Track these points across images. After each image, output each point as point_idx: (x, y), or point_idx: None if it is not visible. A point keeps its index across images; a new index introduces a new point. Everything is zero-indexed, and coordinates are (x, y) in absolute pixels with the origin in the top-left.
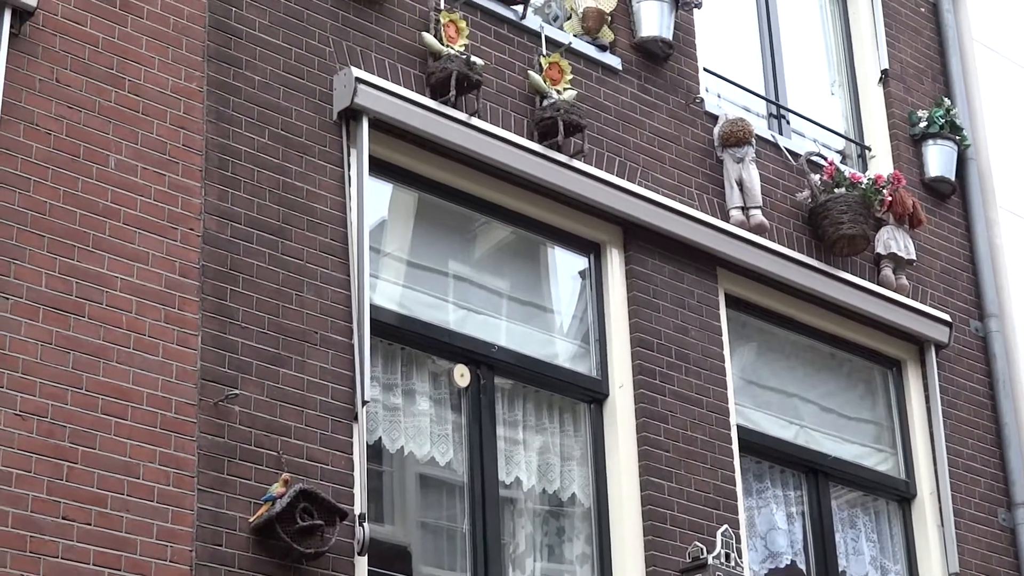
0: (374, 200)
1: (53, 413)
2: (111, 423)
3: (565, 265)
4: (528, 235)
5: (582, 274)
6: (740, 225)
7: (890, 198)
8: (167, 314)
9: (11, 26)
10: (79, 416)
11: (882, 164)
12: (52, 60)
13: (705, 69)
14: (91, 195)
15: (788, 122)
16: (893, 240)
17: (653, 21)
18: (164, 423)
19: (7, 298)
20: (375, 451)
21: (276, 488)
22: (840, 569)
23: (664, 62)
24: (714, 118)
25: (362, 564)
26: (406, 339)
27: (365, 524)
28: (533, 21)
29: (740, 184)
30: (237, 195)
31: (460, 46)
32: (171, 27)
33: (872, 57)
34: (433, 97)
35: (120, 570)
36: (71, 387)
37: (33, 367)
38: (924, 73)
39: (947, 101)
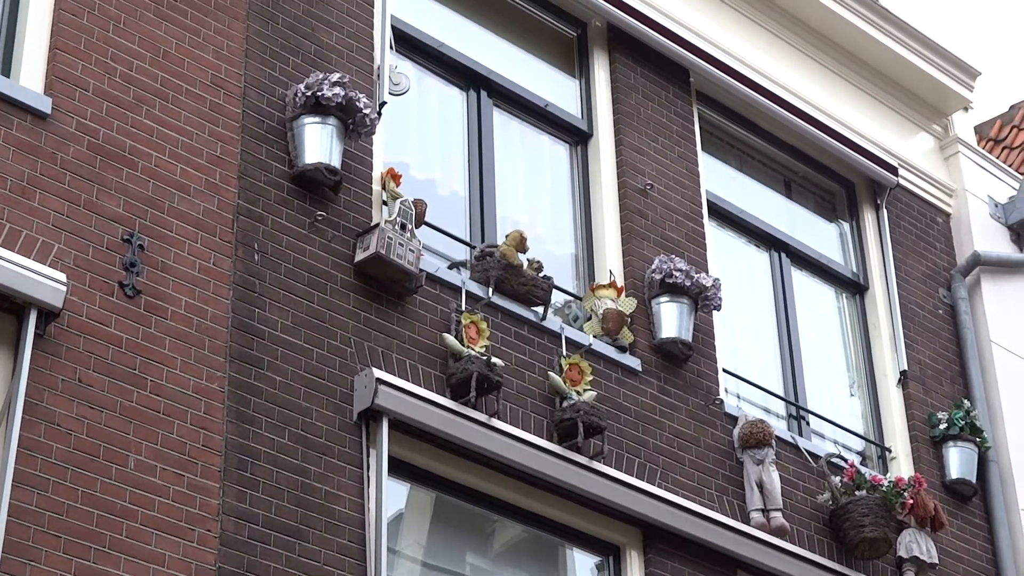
0: (392, 500)
1: None
2: None
3: (584, 566)
4: (547, 536)
5: (602, 573)
6: (761, 528)
7: (911, 501)
8: None
9: (36, 327)
10: None
11: (903, 466)
12: (75, 360)
13: (724, 370)
14: (109, 496)
15: (808, 423)
16: (915, 543)
17: (672, 323)
18: None
19: None
20: None
21: None
22: None
23: (683, 363)
24: (733, 419)
25: None
26: None
27: None
28: (553, 322)
29: (760, 486)
30: (255, 496)
31: (481, 347)
32: (194, 328)
33: (891, 358)
34: (453, 398)
35: None
36: None
37: None
38: (943, 374)
39: (966, 403)
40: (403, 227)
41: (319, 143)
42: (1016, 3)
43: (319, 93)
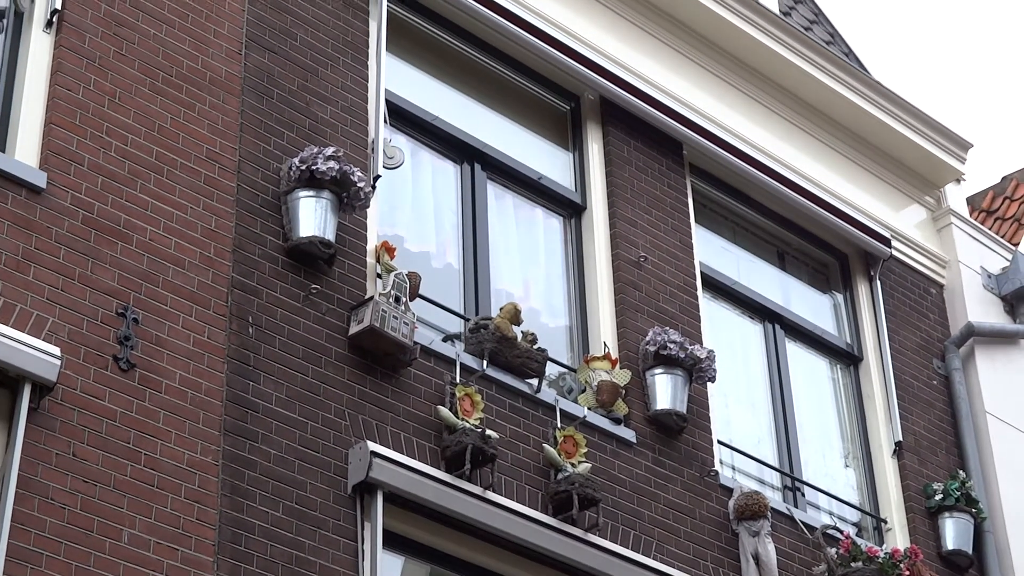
0: (386, 574)
1: None
2: None
3: None
4: None
5: None
6: None
7: (908, 572)
8: None
9: (30, 400)
10: None
11: (899, 537)
12: (69, 434)
13: (719, 441)
14: (103, 570)
15: (803, 494)
16: None
17: (667, 394)
18: None
19: None
20: None
21: None
22: None
23: (678, 435)
24: (729, 491)
25: None
26: None
27: None
28: (548, 394)
29: (756, 558)
30: (250, 570)
31: (475, 419)
32: (188, 401)
33: (886, 429)
34: (448, 471)
35: None
36: None
37: None
38: (938, 445)
39: (962, 474)
40: (397, 300)
41: (313, 217)
42: (1007, 75)
43: (313, 167)
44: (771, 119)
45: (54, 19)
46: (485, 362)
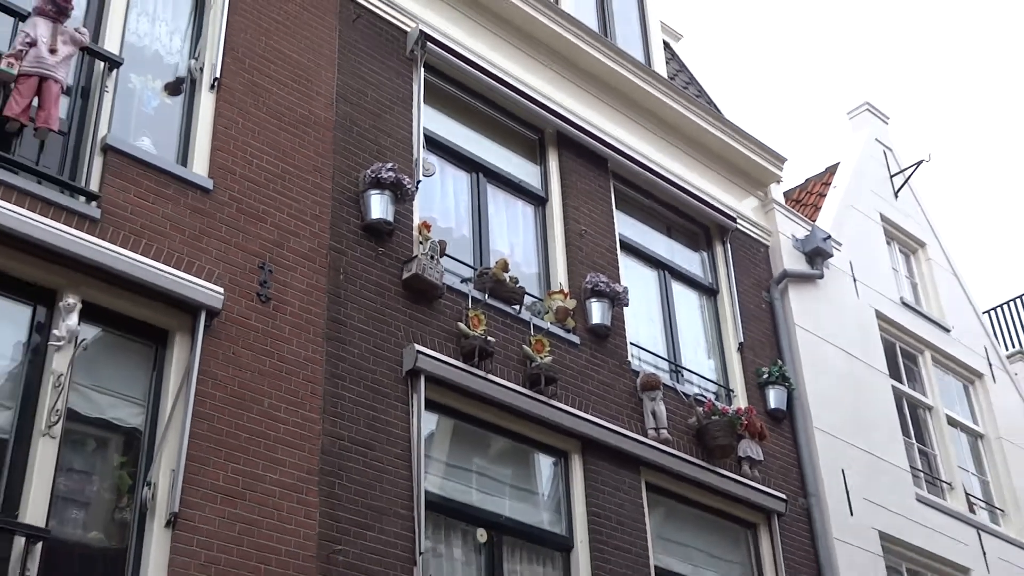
0: (427, 425)
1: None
2: None
3: (546, 464)
4: (523, 447)
5: (556, 468)
6: (654, 440)
7: (747, 422)
8: (298, 499)
9: (205, 321)
10: None
11: (741, 400)
12: (230, 341)
13: (631, 343)
14: (252, 424)
15: (683, 375)
16: (749, 448)
17: (599, 314)
18: None
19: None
20: None
21: None
22: None
23: (605, 339)
24: (636, 373)
25: None
26: (447, 511)
27: None
28: (525, 315)
29: (654, 414)
30: (343, 423)
31: (481, 330)
32: (303, 320)
33: (733, 335)
34: (465, 362)
35: None
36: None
37: (208, 537)
38: (765, 344)
39: (780, 362)
40: (432, 257)
41: (380, 206)
42: (817, 107)
43: (379, 175)
44: (661, 144)
45: (215, 83)
46: (486, 295)
